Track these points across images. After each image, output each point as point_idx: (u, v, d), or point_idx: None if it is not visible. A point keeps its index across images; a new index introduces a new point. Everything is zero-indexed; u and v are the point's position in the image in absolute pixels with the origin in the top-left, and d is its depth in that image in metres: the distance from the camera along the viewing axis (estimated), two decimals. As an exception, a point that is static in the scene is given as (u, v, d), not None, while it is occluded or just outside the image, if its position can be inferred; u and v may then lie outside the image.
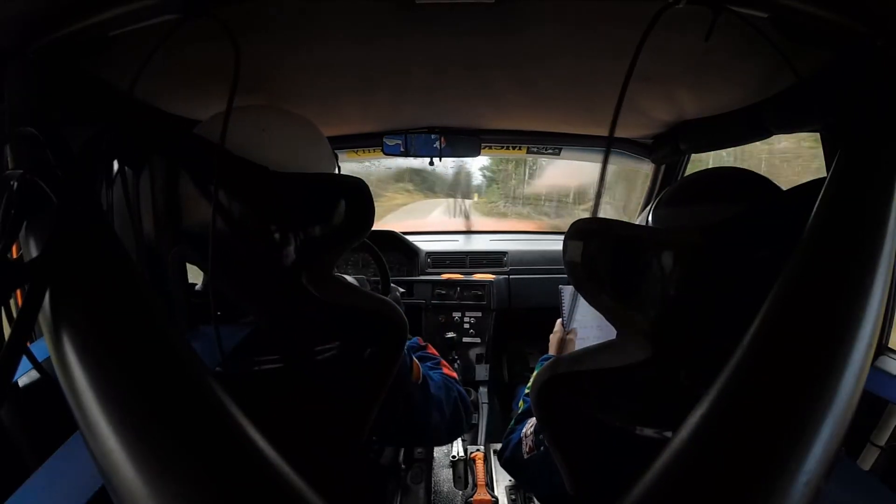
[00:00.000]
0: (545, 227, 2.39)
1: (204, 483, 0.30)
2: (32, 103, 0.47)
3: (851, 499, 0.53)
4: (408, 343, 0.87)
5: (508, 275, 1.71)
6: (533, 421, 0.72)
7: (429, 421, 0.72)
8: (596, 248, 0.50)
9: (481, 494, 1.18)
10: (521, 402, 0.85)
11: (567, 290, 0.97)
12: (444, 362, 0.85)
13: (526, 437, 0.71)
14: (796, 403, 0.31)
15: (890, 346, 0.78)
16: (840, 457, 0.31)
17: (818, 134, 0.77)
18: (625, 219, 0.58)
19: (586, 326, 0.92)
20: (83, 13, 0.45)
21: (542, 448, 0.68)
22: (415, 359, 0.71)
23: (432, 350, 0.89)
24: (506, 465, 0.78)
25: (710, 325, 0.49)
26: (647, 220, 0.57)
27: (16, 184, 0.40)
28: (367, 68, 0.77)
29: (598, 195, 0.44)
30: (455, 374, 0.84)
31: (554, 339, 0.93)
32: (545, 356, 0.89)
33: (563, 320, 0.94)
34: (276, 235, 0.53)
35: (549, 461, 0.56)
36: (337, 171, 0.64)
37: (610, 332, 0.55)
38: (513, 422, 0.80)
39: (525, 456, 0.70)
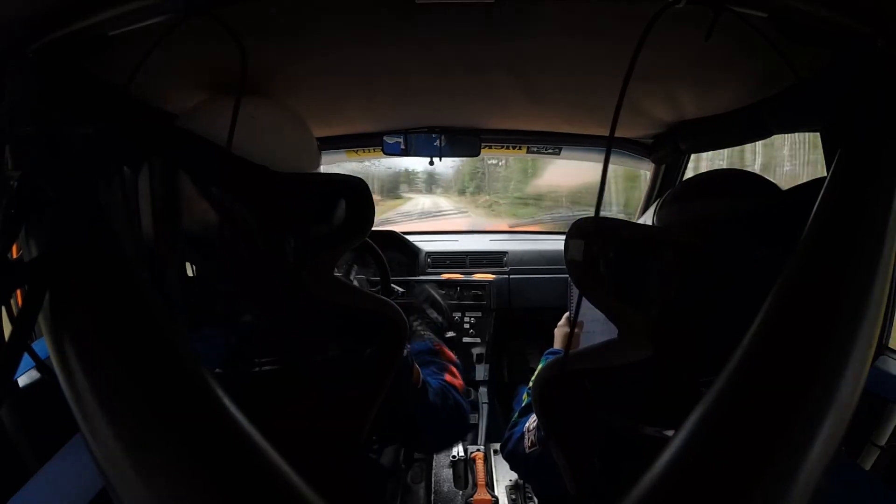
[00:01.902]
0: (545, 227, 2.39)
1: (204, 483, 0.30)
2: (32, 103, 0.47)
3: (851, 498, 0.53)
4: (422, 346, 0.86)
5: (508, 275, 1.71)
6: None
7: (424, 427, 0.72)
8: (597, 247, 0.50)
9: (481, 494, 1.18)
10: (525, 395, 0.85)
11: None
12: (453, 368, 0.83)
13: (528, 431, 0.72)
14: (796, 403, 0.31)
15: (890, 346, 0.78)
16: (840, 456, 0.31)
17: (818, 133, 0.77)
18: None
19: (592, 320, 0.92)
20: (83, 13, 0.45)
21: (543, 444, 0.68)
22: (415, 364, 0.70)
23: (448, 354, 0.86)
24: (507, 458, 0.78)
25: (710, 323, 0.49)
26: (653, 220, 0.57)
27: (16, 184, 0.40)
28: (368, 67, 0.77)
29: (600, 195, 0.44)
30: (460, 383, 0.81)
31: (559, 332, 0.93)
32: (550, 350, 0.89)
33: (569, 314, 0.94)
34: (276, 235, 0.53)
35: (551, 457, 0.56)
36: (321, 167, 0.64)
37: (615, 327, 0.55)
38: (516, 415, 0.80)
39: (527, 451, 0.70)
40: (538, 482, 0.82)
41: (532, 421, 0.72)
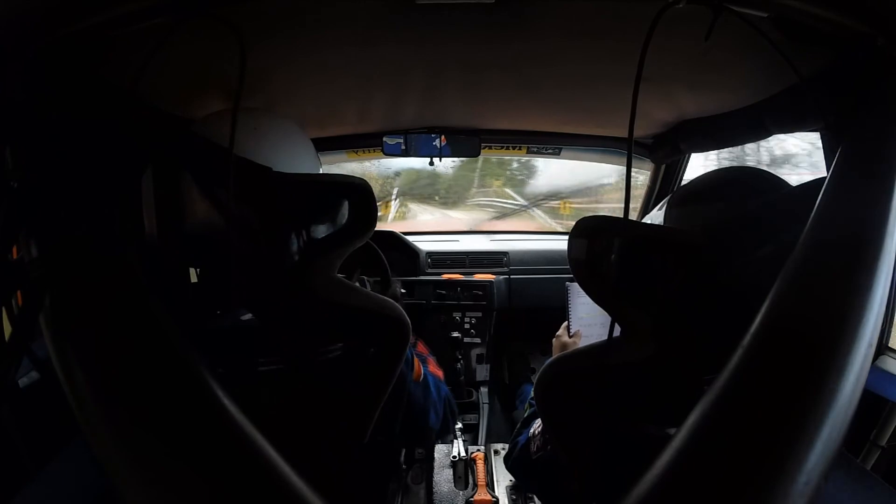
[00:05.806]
0: (546, 227, 2.39)
1: (205, 484, 0.30)
2: (33, 103, 0.47)
3: (852, 498, 0.53)
4: None
5: (509, 275, 1.71)
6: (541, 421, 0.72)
7: (426, 421, 0.73)
8: (601, 245, 0.50)
9: (482, 494, 1.18)
10: (527, 406, 0.85)
11: (573, 287, 0.95)
12: (431, 360, 0.85)
13: (534, 436, 0.71)
14: (796, 402, 0.31)
15: (890, 345, 0.78)
16: (840, 456, 0.31)
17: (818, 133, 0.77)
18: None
19: (591, 325, 0.92)
20: (83, 13, 0.45)
21: (549, 447, 0.67)
22: (416, 358, 0.71)
23: (421, 347, 0.89)
24: (513, 468, 0.77)
25: (712, 322, 0.49)
26: (662, 220, 0.57)
27: (16, 184, 0.40)
28: (368, 68, 0.77)
29: (627, 198, 0.45)
30: (441, 373, 0.85)
31: (557, 342, 0.92)
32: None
33: (567, 318, 0.94)
34: (279, 236, 0.53)
35: (557, 461, 0.56)
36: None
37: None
38: (519, 425, 0.80)
39: (533, 456, 0.70)
40: (544, 487, 0.81)
41: (537, 426, 0.72)
